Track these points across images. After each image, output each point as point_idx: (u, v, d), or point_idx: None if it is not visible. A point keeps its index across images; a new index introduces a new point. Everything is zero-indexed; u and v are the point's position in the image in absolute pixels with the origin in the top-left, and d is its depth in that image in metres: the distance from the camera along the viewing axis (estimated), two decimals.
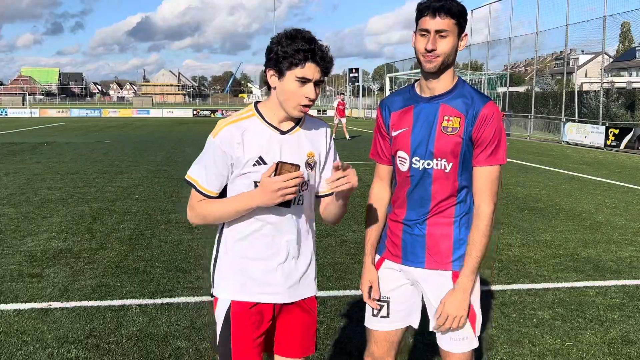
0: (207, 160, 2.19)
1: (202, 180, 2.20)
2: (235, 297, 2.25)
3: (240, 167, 2.17)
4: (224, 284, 2.27)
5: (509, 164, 16.03)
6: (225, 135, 2.16)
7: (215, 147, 2.17)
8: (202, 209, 2.21)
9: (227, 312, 2.25)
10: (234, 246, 2.25)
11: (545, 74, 53.95)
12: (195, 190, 2.22)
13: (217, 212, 2.20)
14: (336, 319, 4.60)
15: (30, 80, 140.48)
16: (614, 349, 4.12)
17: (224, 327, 2.25)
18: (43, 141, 22.82)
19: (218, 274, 2.30)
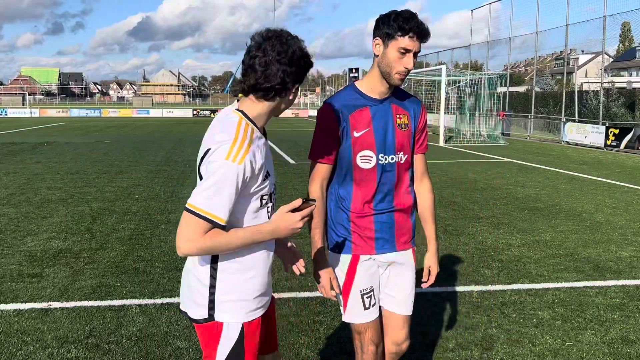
0: (228, 189, 1.95)
1: (221, 213, 1.96)
2: (247, 318, 2.14)
3: (255, 186, 2.06)
4: (234, 307, 2.12)
5: (509, 163, 16.05)
6: (251, 160, 2.00)
7: (240, 174, 1.96)
8: (213, 241, 1.97)
9: (241, 335, 2.14)
10: (235, 264, 2.12)
11: (545, 74, 53.95)
12: (206, 222, 1.96)
13: (230, 245, 2.01)
14: (336, 319, 4.59)
15: (30, 80, 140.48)
16: (614, 349, 4.12)
17: (235, 352, 2.14)
18: (43, 141, 22.82)
19: (221, 297, 2.11)
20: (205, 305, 2.12)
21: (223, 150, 1.96)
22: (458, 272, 5.85)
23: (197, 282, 2.14)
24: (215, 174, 1.95)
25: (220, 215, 1.97)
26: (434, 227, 2.85)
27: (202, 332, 2.17)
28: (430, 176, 2.87)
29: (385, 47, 2.45)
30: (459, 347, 4.11)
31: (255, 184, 2.06)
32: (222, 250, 2.03)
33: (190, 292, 2.17)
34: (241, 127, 2.05)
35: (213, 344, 2.15)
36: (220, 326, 2.13)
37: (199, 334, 2.20)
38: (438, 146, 22.20)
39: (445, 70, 24.23)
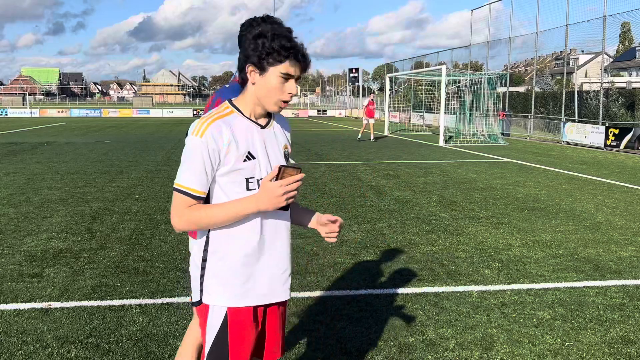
0: (195, 162, 2.08)
1: (194, 184, 2.08)
2: (233, 303, 2.17)
3: (231, 164, 2.11)
4: (218, 290, 2.17)
5: (508, 163, 16.05)
6: (213, 133, 2.08)
7: (203, 147, 2.07)
8: (195, 214, 2.09)
9: (224, 321, 2.17)
10: (228, 249, 2.17)
11: (545, 74, 53.96)
12: (185, 196, 2.09)
13: (212, 218, 2.09)
14: (336, 319, 4.60)
15: (30, 80, 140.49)
16: (614, 349, 4.12)
17: (219, 337, 2.17)
18: (43, 141, 22.82)
19: (210, 280, 2.18)
20: (197, 287, 2.22)
21: (191, 128, 2.13)
22: (458, 272, 5.86)
23: (194, 268, 2.24)
24: (185, 150, 2.12)
25: (192, 186, 2.09)
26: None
27: (198, 314, 2.28)
28: None
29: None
30: (459, 347, 4.11)
31: (233, 159, 2.11)
32: (208, 222, 2.10)
33: (192, 279, 2.27)
34: (218, 109, 2.19)
35: (203, 327, 2.23)
36: (207, 309, 2.21)
37: (197, 315, 2.31)
38: (438, 146, 22.20)
39: (445, 70, 24.23)
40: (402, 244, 6.93)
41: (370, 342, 4.20)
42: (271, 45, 2.06)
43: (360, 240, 7.12)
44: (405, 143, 23.61)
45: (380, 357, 3.96)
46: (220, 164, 2.11)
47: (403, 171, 14.01)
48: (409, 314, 4.73)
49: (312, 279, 5.55)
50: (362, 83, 62.15)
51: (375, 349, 4.07)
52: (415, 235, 7.41)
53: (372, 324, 4.52)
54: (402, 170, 14.26)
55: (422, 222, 8.18)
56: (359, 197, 10.00)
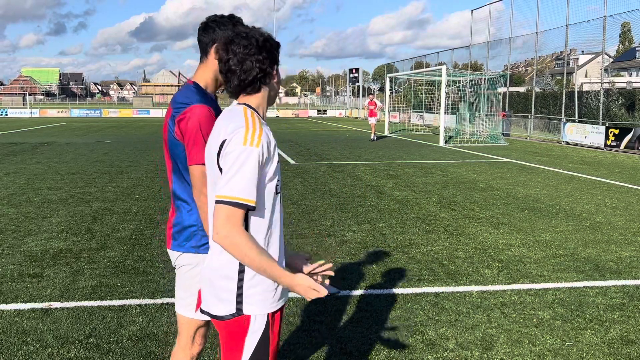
0: (251, 171, 2.03)
1: (251, 195, 2.04)
2: (273, 308, 2.19)
3: (272, 170, 2.12)
4: (261, 299, 2.16)
5: (508, 164, 16.05)
6: (267, 141, 2.09)
7: (259, 155, 2.05)
8: (244, 244, 2.03)
9: (267, 326, 2.18)
10: None
11: (545, 74, 53.94)
12: (239, 208, 2.03)
13: (250, 256, 2.04)
14: (336, 319, 4.60)
15: (30, 80, 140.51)
16: (614, 349, 4.12)
17: (262, 343, 2.17)
18: (43, 141, 22.83)
19: (251, 290, 2.15)
20: (232, 300, 2.15)
21: (239, 138, 2.06)
22: (458, 272, 5.86)
23: (223, 279, 2.16)
24: (236, 161, 2.04)
25: (245, 196, 2.03)
26: None
27: (226, 328, 2.19)
28: None
29: None
30: (459, 347, 4.11)
31: (273, 166, 2.14)
32: (244, 258, 2.05)
33: (214, 291, 2.18)
34: (247, 113, 2.15)
35: (240, 338, 2.17)
36: (248, 319, 2.16)
37: (223, 330, 2.21)
38: (438, 146, 22.20)
39: (445, 70, 24.23)
40: (402, 244, 6.93)
41: (370, 342, 4.20)
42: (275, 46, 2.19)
43: (360, 240, 7.12)
44: (405, 143, 23.62)
45: (380, 357, 3.96)
46: (265, 171, 2.11)
47: (403, 171, 14.01)
48: (409, 314, 4.73)
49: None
50: (362, 83, 62.13)
51: (375, 349, 4.07)
52: (415, 235, 7.41)
53: (372, 324, 4.52)
54: (402, 170, 14.27)
55: (422, 222, 8.19)
56: (359, 197, 10.00)
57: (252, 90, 2.19)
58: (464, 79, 27.88)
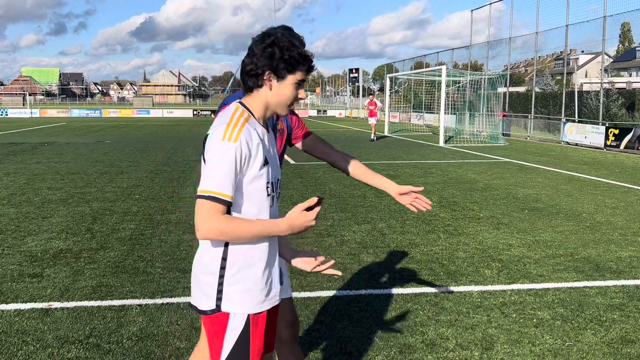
0: (228, 166, 2.06)
1: (226, 189, 2.07)
2: (254, 310, 2.20)
3: (256, 169, 2.14)
4: (241, 298, 2.18)
5: (508, 164, 16.05)
6: (247, 137, 2.10)
7: (237, 151, 2.07)
8: (229, 225, 2.07)
9: (246, 326, 2.19)
10: (243, 255, 2.18)
11: (545, 74, 53.94)
12: (216, 202, 2.06)
13: (244, 232, 2.10)
14: (336, 319, 4.60)
15: (30, 80, 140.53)
16: (614, 349, 4.12)
17: (240, 343, 2.19)
18: (43, 141, 22.83)
19: (231, 287, 2.17)
20: (214, 295, 2.18)
21: (219, 133, 2.10)
22: (458, 272, 5.86)
23: (206, 274, 2.20)
24: (214, 156, 2.08)
25: (222, 191, 2.06)
26: (380, 175, 3.02)
27: (209, 324, 2.22)
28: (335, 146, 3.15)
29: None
30: (459, 347, 4.11)
31: (257, 164, 2.14)
32: (238, 236, 2.10)
33: (199, 285, 2.22)
34: (237, 112, 2.19)
35: (220, 335, 2.20)
36: (227, 317, 2.18)
37: (205, 326, 2.25)
38: (438, 146, 22.20)
39: (445, 70, 24.23)
40: (402, 244, 6.93)
41: (371, 342, 4.20)
42: (291, 55, 2.14)
43: (360, 240, 7.12)
44: (406, 143, 23.62)
45: (380, 357, 3.96)
46: (247, 169, 2.12)
47: (403, 171, 14.01)
48: (408, 314, 4.73)
49: (312, 279, 5.55)
50: (362, 83, 62.13)
51: (376, 349, 4.08)
52: (415, 235, 7.41)
53: (372, 324, 4.52)
54: (402, 170, 14.27)
55: (422, 222, 8.19)
56: (359, 197, 10.00)
57: (246, 87, 2.22)
58: (464, 79, 27.87)
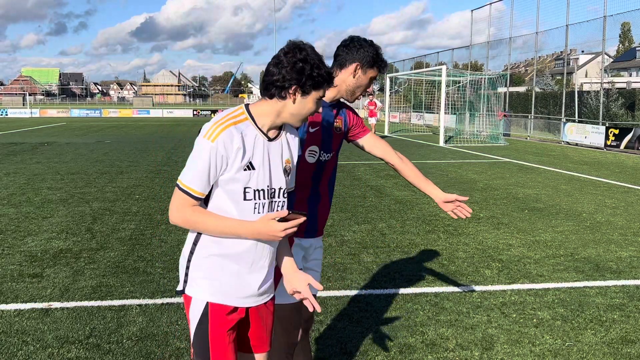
0: (201, 164, 2.14)
1: (196, 185, 2.17)
2: (214, 299, 2.26)
3: (233, 172, 2.17)
4: (201, 284, 2.27)
5: (509, 164, 16.05)
6: (225, 140, 2.14)
7: (212, 151, 2.13)
8: (194, 217, 2.20)
9: (204, 313, 2.27)
10: (214, 246, 2.25)
11: (545, 74, 53.93)
12: (186, 195, 2.19)
13: (208, 226, 2.20)
14: (336, 319, 4.60)
15: (30, 80, 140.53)
16: (614, 349, 4.12)
17: (199, 328, 2.27)
18: (43, 141, 22.83)
19: (195, 273, 2.28)
20: (183, 278, 2.32)
21: (205, 129, 2.17)
22: (458, 272, 5.86)
23: (182, 258, 2.34)
24: (194, 150, 2.18)
25: (192, 186, 2.17)
26: (429, 182, 3.15)
27: (184, 303, 2.36)
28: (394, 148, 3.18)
29: (364, 73, 2.86)
30: (459, 347, 4.11)
31: (235, 168, 2.17)
32: (203, 229, 2.21)
33: (180, 268, 2.36)
34: (233, 113, 2.23)
35: (187, 316, 2.34)
36: (189, 300, 2.30)
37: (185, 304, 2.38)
38: (438, 146, 22.20)
39: (445, 70, 24.23)
40: (402, 244, 6.93)
41: (371, 342, 4.20)
42: (319, 74, 2.20)
43: (360, 240, 7.12)
44: (405, 143, 23.62)
45: (380, 357, 3.96)
46: (225, 170, 2.17)
47: None
48: (409, 314, 4.73)
49: None
50: None
51: (375, 349, 4.07)
52: (415, 235, 7.41)
53: (372, 324, 4.52)
54: None
55: (422, 222, 8.19)
56: (359, 197, 10.00)
57: (267, 94, 2.23)
58: (464, 79, 27.87)
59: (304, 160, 2.82)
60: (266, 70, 2.22)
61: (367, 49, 2.84)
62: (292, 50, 2.19)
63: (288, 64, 2.17)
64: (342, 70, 2.85)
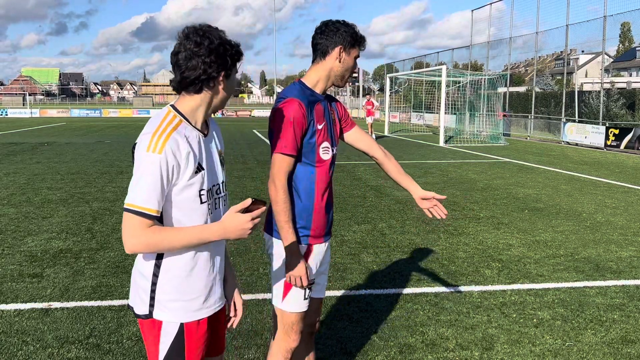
0: (152, 179, 1.98)
1: (151, 204, 1.99)
2: (186, 319, 2.16)
3: (186, 178, 2.06)
4: (173, 306, 2.14)
5: (509, 164, 16.05)
6: (173, 148, 2.00)
7: (162, 163, 1.98)
8: (156, 237, 2.00)
9: (179, 334, 2.15)
10: (183, 265, 2.13)
11: (546, 74, 53.93)
12: (141, 217, 1.99)
13: (174, 242, 2.02)
14: (336, 319, 4.60)
15: (30, 80, 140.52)
16: (614, 349, 4.12)
17: (173, 350, 2.16)
18: (43, 141, 22.83)
19: (161, 296, 2.13)
20: (147, 302, 2.15)
21: (144, 143, 2.02)
22: (458, 272, 5.86)
23: (141, 278, 2.16)
24: (139, 168, 2.00)
25: (148, 206, 1.99)
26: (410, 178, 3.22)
27: (144, 329, 2.20)
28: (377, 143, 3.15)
29: (348, 55, 2.79)
30: (459, 347, 4.11)
31: (188, 174, 2.06)
32: (168, 246, 2.03)
33: (136, 288, 2.19)
34: (166, 119, 2.09)
35: (154, 341, 2.18)
36: (159, 324, 2.15)
37: (142, 329, 2.21)
38: (438, 146, 22.20)
39: (445, 70, 24.23)
40: (402, 244, 6.93)
41: (370, 342, 4.20)
42: (235, 49, 2.16)
43: (360, 240, 7.12)
44: (405, 143, 23.62)
45: (380, 357, 3.96)
46: (177, 180, 2.04)
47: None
48: (409, 314, 4.73)
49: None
50: (362, 83, 62.12)
51: (376, 349, 4.07)
52: (415, 235, 7.41)
53: (372, 324, 4.52)
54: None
55: (422, 222, 8.18)
56: (359, 197, 10.00)
57: (193, 90, 2.10)
58: (464, 79, 27.86)
59: (320, 159, 2.78)
60: (184, 67, 2.06)
61: (344, 29, 2.77)
62: (199, 37, 2.05)
63: (205, 52, 2.05)
64: (327, 57, 2.78)
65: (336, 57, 2.76)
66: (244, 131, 31.25)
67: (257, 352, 3.99)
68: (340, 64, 2.78)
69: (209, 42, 2.05)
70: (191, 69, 2.05)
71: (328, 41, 2.77)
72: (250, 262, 6.08)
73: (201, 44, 2.04)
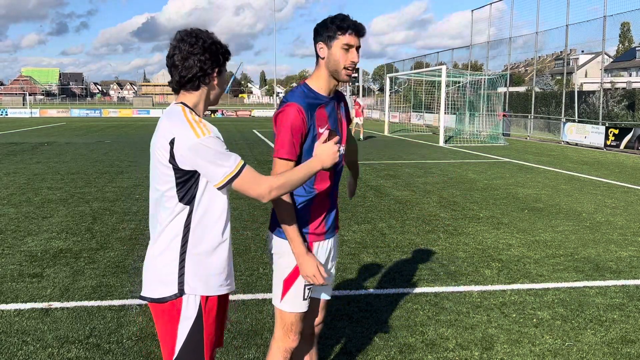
0: (220, 150, 2.23)
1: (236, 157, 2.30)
2: (209, 292, 2.32)
3: None
4: (196, 281, 2.30)
5: (508, 164, 16.05)
6: (212, 128, 2.27)
7: (218, 139, 2.26)
8: (286, 176, 2.33)
9: (200, 309, 2.30)
10: (209, 241, 2.31)
11: (545, 74, 53.93)
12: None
13: (296, 179, 2.33)
14: (336, 319, 4.60)
15: (30, 80, 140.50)
16: (614, 349, 4.12)
17: (195, 326, 2.30)
18: (43, 141, 22.83)
19: (189, 272, 2.30)
20: (174, 281, 2.30)
21: (189, 134, 2.18)
22: (458, 272, 5.86)
23: (164, 264, 2.33)
24: (207, 153, 2.18)
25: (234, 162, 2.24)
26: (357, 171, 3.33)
27: (161, 313, 2.31)
28: None
29: (329, 48, 2.72)
30: (459, 347, 4.11)
31: None
32: (294, 185, 2.33)
33: (156, 274, 2.33)
34: (187, 113, 2.28)
35: (173, 322, 2.30)
36: (180, 304, 2.30)
37: (157, 315, 2.33)
38: (438, 146, 22.20)
39: (445, 70, 24.23)
40: (402, 244, 6.93)
41: (371, 342, 4.20)
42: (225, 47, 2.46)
43: (360, 240, 7.12)
44: (405, 143, 23.62)
45: (380, 357, 3.96)
46: None
47: (403, 171, 14.01)
48: (409, 314, 4.73)
49: None
50: (362, 83, 62.12)
51: (375, 349, 4.08)
52: (415, 235, 7.41)
53: (372, 324, 4.52)
54: (402, 170, 14.26)
55: (422, 222, 8.19)
56: (359, 197, 10.00)
57: (191, 87, 2.32)
58: (464, 79, 27.86)
59: None
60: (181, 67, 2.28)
61: (318, 25, 2.77)
62: (193, 39, 2.27)
63: (200, 51, 2.26)
64: (318, 57, 2.78)
65: (323, 55, 2.75)
66: (244, 131, 31.26)
67: (257, 352, 3.99)
68: (327, 60, 2.74)
69: (202, 42, 2.27)
70: (188, 67, 2.27)
71: (314, 42, 2.79)
72: (250, 262, 6.08)
73: (195, 44, 2.26)
